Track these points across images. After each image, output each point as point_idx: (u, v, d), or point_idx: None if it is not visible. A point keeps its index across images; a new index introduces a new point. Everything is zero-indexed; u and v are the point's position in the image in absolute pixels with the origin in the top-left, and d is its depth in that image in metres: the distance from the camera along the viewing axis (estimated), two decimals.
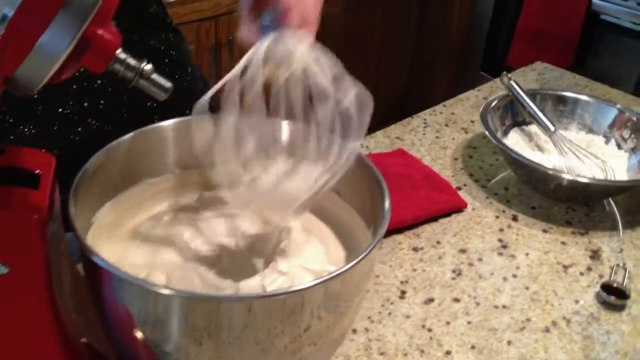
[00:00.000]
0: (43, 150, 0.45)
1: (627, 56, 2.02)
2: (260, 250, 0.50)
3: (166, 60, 0.79)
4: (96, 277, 0.42)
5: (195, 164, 0.56)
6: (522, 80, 1.17)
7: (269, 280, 0.45)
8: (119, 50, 0.37)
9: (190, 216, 0.53)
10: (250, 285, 0.45)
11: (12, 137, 0.67)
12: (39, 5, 0.32)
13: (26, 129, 0.68)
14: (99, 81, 0.71)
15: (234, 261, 0.49)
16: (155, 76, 0.39)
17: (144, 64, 0.39)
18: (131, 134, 0.52)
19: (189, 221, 0.53)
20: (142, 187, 0.54)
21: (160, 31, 0.79)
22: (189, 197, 0.57)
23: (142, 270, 0.47)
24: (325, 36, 0.50)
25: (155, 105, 0.75)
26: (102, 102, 0.72)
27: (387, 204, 0.48)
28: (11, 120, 0.67)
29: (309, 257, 0.50)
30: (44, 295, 0.42)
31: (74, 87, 0.69)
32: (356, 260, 0.42)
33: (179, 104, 0.60)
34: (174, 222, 0.53)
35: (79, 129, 0.71)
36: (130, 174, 0.53)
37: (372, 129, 0.57)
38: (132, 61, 0.38)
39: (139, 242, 0.51)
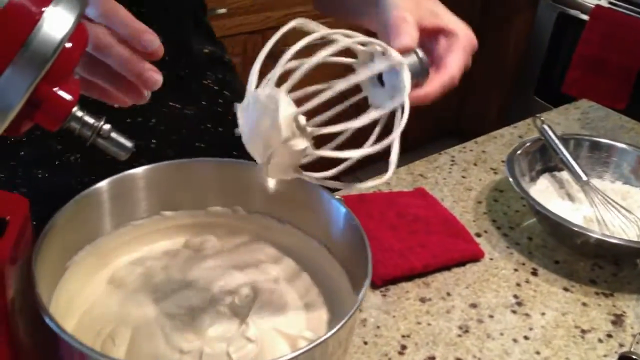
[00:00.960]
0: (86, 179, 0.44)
1: None
2: (237, 307, 0.48)
3: (220, 101, 0.78)
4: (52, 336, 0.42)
5: (180, 206, 0.55)
6: (564, 119, 1.12)
7: (235, 348, 0.43)
8: (75, 108, 0.36)
9: (171, 265, 0.52)
10: (215, 352, 0.43)
11: (57, 163, 0.67)
12: None
13: (72, 157, 0.68)
14: (154, 120, 0.72)
15: (208, 318, 0.47)
16: (114, 135, 0.38)
17: (102, 122, 0.38)
18: (106, 181, 0.51)
19: (168, 271, 0.51)
20: (125, 230, 0.53)
21: (216, 66, 0.79)
22: (175, 242, 0.56)
23: (109, 324, 0.46)
24: None
25: (203, 145, 0.74)
26: (153, 141, 0.71)
27: (369, 272, 0.45)
28: (59, 147, 0.67)
29: (287, 319, 0.48)
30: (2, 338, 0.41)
31: (128, 120, 0.68)
32: (324, 338, 0.40)
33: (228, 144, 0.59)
34: (154, 270, 0.52)
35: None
36: (111, 219, 0.53)
37: (423, 142, 0.55)
38: (89, 119, 0.37)
39: (115, 288, 0.50)
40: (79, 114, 0.36)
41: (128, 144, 0.39)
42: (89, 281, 0.50)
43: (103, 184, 0.51)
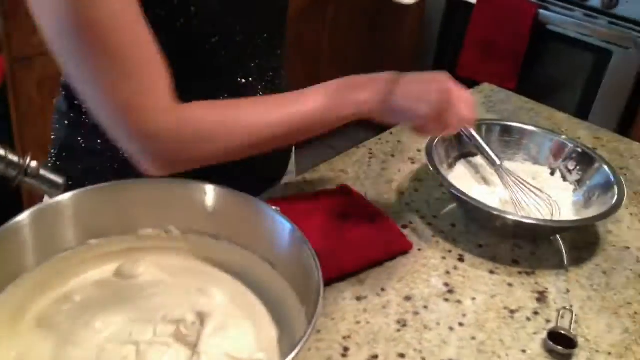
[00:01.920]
0: None
1: (573, 65, 2.04)
2: (183, 336, 0.46)
3: None
4: None
5: (109, 232, 0.51)
6: None
7: None
8: None
9: (103, 296, 0.49)
10: None
11: None
12: None
13: None
14: None
15: (155, 352, 0.45)
16: (43, 172, 0.35)
17: (28, 160, 0.34)
18: (27, 213, 0.46)
19: (101, 304, 0.48)
20: (50, 264, 0.49)
21: None
22: (104, 270, 0.52)
23: None
24: None
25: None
26: None
27: (320, 290, 0.44)
28: None
29: (237, 342, 0.46)
30: None
31: None
32: None
33: None
34: (85, 305, 0.48)
35: None
36: (35, 253, 0.48)
37: (337, 135, 0.57)
38: (13, 158, 0.34)
39: (45, 333, 0.46)
40: (1, 152, 0.33)
41: (59, 180, 0.36)
42: (15, 327, 0.46)
43: (24, 216, 0.46)
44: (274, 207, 0.57)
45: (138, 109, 0.64)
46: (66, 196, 0.49)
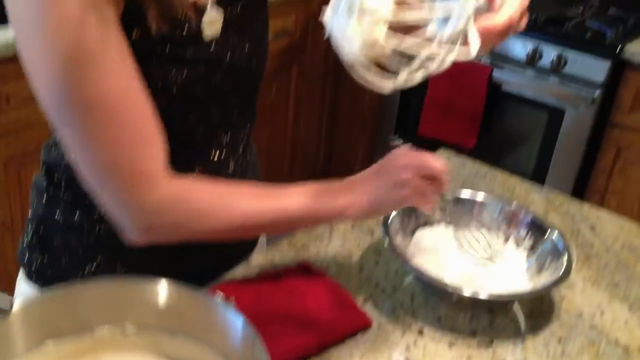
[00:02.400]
0: None
1: (529, 122, 2.12)
2: None
3: None
4: None
5: (64, 333, 0.52)
6: None
7: None
8: None
9: None
10: None
11: None
12: None
13: None
14: None
15: None
16: None
17: None
18: None
19: None
20: None
21: None
22: None
23: None
24: None
25: None
26: None
27: None
28: None
29: None
30: None
31: None
32: None
33: None
34: None
35: None
36: None
37: None
38: None
39: None
40: None
41: (5, 305, 0.37)
42: None
43: None
44: (229, 297, 0.58)
45: (136, 179, 0.68)
46: (20, 303, 0.50)
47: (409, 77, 0.61)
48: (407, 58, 0.61)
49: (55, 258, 0.85)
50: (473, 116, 2.13)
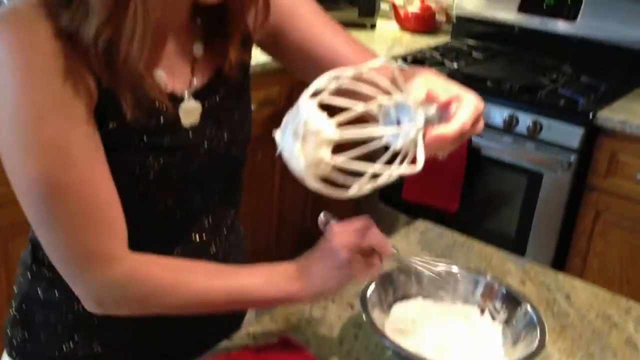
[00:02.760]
0: None
1: (509, 186, 2.17)
2: None
3: None
4: None
5: None
6: (406, 242, 1.22)
7: None
8: None
9: None
10: None
11: None
12: None
13: None
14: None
15: None
16: None
17: None
18: None
19: None
20: None
21: None
22: None
23: None
24: None
25: None
26: None
27: None
28: None
29: None
30: None
31: None
32: None
33: None
34: None
35: None
36: None
37: (283, 253, 0.65)
38: None
39: None
40: None
41: None
42: None
43: None
44: None
45: (93, 259, 0.73)
46: None
47: (358, 190, 0.66)
48: (355, 173, 0.65)
49: (35, 334, 0.87)
50: (454, 180, 2.18)
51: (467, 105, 0.70)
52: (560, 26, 2.40)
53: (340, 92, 0.66)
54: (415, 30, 2.76)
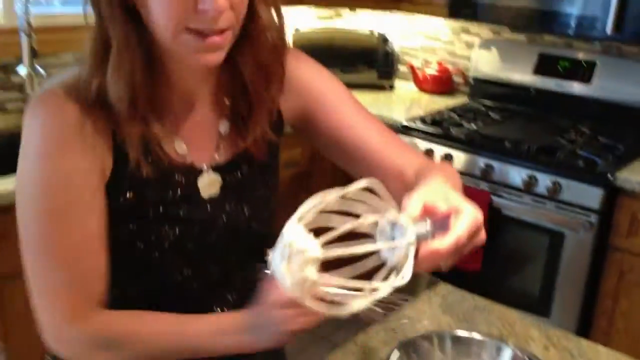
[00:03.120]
0: None
1: (531, 246, 2.17)
2: None
3: None
4: None
5: None
6: (428, 307, 1.23)
7: None
8: None
9: None
10: None
11: None
12: None
13: None
14: None
15: None
16: None
17: None
18: None
19: None
20: None
21: None
22: None
23: None
24: None
25: None
26: None
27: None
28: None
29: None
30: None
31: None
32: None
33: None
34: None
35: None
36: None
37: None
38: None
39: None
40: None
41: None
42: None
43: None
44: None
45: (66, 309, 0.78)
46: None
47: (356, 307, 0.68)
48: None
49: None
50: None
51: (464, 219, 0.69)
52: (576, 88, 2.44)
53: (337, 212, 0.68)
54: (433, 91, 2.82)
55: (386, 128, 0.97)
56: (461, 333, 1.01)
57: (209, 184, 0.84)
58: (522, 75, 2.57)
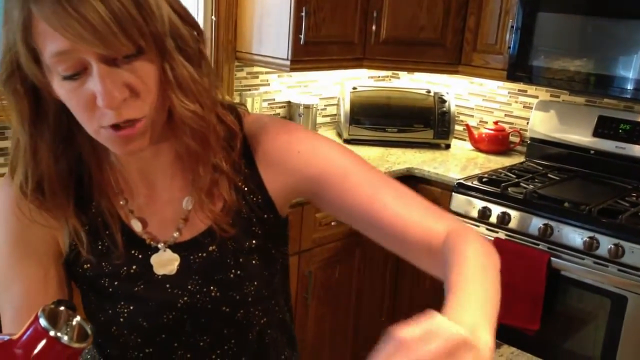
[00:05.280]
0: None
1: (592, 308, 2.13)
2: None
3: None
4: None
5: None
6: None
7: None
8: None
9: None
10: None
11: None
12: None
13: None
14: None
15: None
16: None
17: None
18: None
19: None
20: None
21: None
22: None
23: None
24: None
25: None
26: None
27: None
28: None
29: None
30: None
31: None
32: None
33: None
34: None
35: None
36: None
37: None
38: None
39: None
40: None
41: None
42: None
43: None
44: None
45: None
46: None
47: None
48: None
49: None
50: (534, 300, 2.17)
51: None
52: (637, 150, 2.44)
53: None
54: (488, 150, 2.85)
55: (402, 188, 0.85)
56: None
57: (163, 263, 0.81)
58: (581, 136, 2.58)
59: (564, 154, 2.64)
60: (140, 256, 0.81)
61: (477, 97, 3.03)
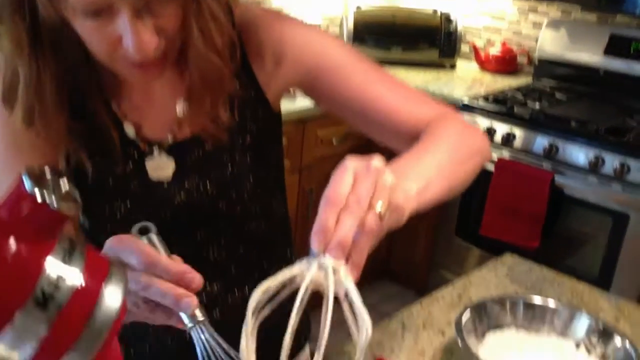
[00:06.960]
0: None
1: (592, 226, 2.13)
2: None
3: None
4: None
5: None
6: (494, 275, 1.24)
7: None
8: None
9: None
10: None
11: None
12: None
13: None
14: None
15: None
16: None
17: None
18: None
19: None
20: None
21: None
22: None
23: None
24: None
25: None
26: None
27: None
28: None
29: None
30: None
31: None
32: None
33: None
34: None
35: None
36: None
37: (360, 285, 0.61)
38: None
39: None
40: None
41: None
42: None
43: None
44: None
45: None
46: None
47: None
48: None
49: None
50: (536, 219, 2.17)
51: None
52: None
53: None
54: (495, 70, 2.78)
55: (397, 82, 0.85)
56: (535, 299, 1.02)
57: (158, 167, 0.81)
58: (591, 55, 2.51)
59: (573, 74, 2.57)
60: (136, 158, 0.81)
61: (485, 16, 2.93)
